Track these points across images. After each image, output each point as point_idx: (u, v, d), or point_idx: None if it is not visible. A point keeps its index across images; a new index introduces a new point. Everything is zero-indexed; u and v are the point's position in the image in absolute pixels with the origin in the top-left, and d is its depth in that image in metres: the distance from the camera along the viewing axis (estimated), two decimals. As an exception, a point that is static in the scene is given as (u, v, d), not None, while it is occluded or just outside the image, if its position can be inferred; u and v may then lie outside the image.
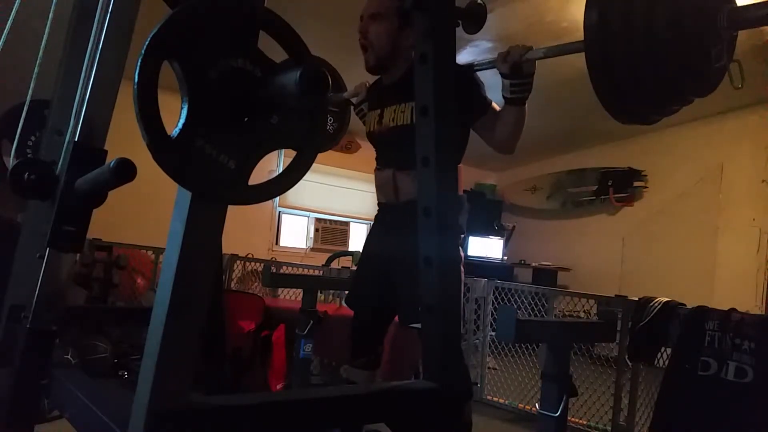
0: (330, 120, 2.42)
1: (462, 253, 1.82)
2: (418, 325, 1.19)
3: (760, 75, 3.99)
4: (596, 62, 0.96)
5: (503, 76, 1.62)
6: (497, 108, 1.76)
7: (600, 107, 1.14)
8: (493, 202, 7.14)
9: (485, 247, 6.44)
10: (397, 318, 1.91)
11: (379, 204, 1.98)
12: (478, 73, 1.79)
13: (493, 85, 1.75)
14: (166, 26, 0.70)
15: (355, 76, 2.41)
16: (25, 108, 1.29)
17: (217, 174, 0.74)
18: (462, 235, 1.87)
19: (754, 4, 0.94)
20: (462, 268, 1.80)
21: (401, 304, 1.81)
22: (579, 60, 1.19)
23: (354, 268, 4.56)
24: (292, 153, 0.85)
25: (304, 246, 6.19)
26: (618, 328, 2.64)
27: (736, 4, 0.98)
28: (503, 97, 1.69)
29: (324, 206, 6.21)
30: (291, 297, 4.10)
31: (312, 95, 0.71)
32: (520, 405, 3.29)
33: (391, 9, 1.79)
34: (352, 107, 2.27)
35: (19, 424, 1.24)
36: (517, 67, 1.57)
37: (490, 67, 1.65)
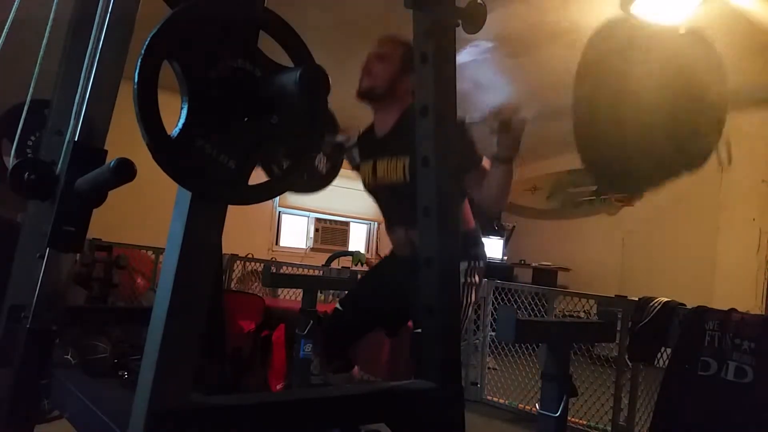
0: (323, 160, 2.40)
1: (476, 280, 1.89)
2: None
3: (761, 76, 3.99)
4: (584, 135, 0.97)
5: (492, 131, 1.59)
6: (487, 167, 1.74)
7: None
8: (493, 202, 7.12)
9: (485, 247, 6.43)
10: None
11: (393, 252, 2.02)
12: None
13: (493, 85, 1.75)
14: (166, 26, 0.70)
15: (356, 75, 2.41)
16: (25, 108, 1.29)
17: (217, 174, 0.74)
18: (480, 264, 1.93)
19: (741, 90, 0.96)
20: (473, 291, 1.84)
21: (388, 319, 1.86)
22: (579, 61, 1.19)
23: (354, 268, 4.57)
24: (292, 153, 0.85)
25: (304, 246, 6.19)
26: (618, 328, 2.64)
27: (726, 80, 0.99)
28: (492, 154, 1.67)
29: (324, 206, 6.21)
30: (291, 297, 4.10)
31: (312, 95, 0.71)
32: (520, 405, 3.29)
33: (396, 53, 1.85)
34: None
35: (19, 424, 1.24)
36: (506, 125, 1.55)
37: (479, 122, 1.62)
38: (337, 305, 2.14)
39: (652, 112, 0.91)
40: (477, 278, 1.89)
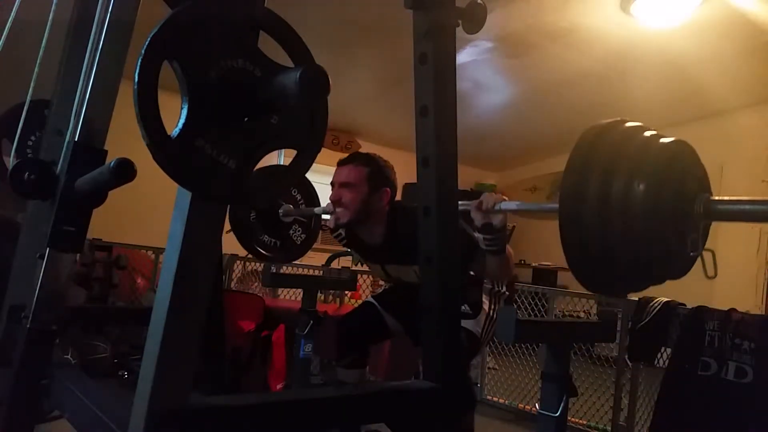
0: (298, 230, 2.40)
1: (495, 312, 1.93)
2: None
3: (761, 76, 3.99)
4: (569, 232, 0.96)
5: (476, 229, 1.56)
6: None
7: (600, 107, 1.15)
8: (493, 202, 7.13)
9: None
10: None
11: None
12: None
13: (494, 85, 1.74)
14: (166, 26, 0.70)
15: (356, 75, 2.41)
16: (25, 108, 1.29)
17: (217, 174, 0.74)
18: (503, 292, 2.00)
19: (729, 199, 0.96)
20: (491, 327, 1.90)
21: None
22: (579, 60, 1.20)
23: (354, 268, 4.57)
24: (292, 153, 0.85)
25: (304, 246, 6.18)
26: (618, 328, 2.64)
27: (710, 193, 1.00)
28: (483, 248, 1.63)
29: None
30: (291, 297, 4.10)
31: (312, 95, 0.71)
32: (520, 405, 3.29)
33: (361, 177, 1.88)
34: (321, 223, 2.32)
35: (19, 424, 1.24)
36: (488, 223, 1.50)
37: (464, 210, 1.54)
38: (370, 298, 2.14)
39: (639, 215, 0.90)
40: (494, 310, 1.95)
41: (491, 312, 1.94)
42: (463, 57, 4.31)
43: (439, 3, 1.16)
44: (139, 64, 0.68)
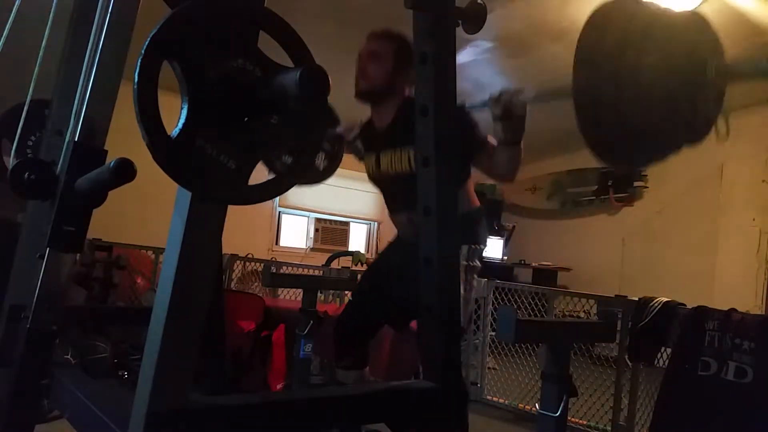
0: (321, 155, 2.41)
1: (477, 262, 1.85)
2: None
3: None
4: (584, 109, 0.98)
5: (495, 118, 1.61)
6: (494, 143, 1.74)
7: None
8: (493, 202, 7.13)
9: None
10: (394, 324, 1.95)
11: (398, 236, 2.01)
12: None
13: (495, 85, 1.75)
14: (166, 26, 0.70)
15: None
16: (25, 108, 1.29)
17: (217, 174, 0.74)
18: (481, 246, 1.90)
19: (742, 61, 0.97)
20: (475, 276, 1.82)
21: (397, 309, 1.84)
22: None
23: (354, 268, 4.57)
24: (292, 153, 0.85)
25: (304, 246, 6.19)
26: (618, 328, 2.64)
27: (724, 56, 1.00)
28: (496, 138, 1.68)
29: (324, 206, 6.21)
30: (291, 297, 4.10)
31: (312, 96, 0.71)
32: (520, 405, 3.29)
33: (388, 49, 1.85)
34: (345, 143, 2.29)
35: (19, 424, 1.24)
36: (508, 111, 1.56)
37: (481, 107, 1.64)
38: (349, 297, 2.14)
39: (652, 87, 0.92)
40: (477, 262, 1.87)
41: (464, 291, 1.82)
42: (463, 57, 4.31)
43: (439, 3, 1.16)
44: (139, 64, 0.68)
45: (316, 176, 2.38)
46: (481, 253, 1.91)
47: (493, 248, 6.52)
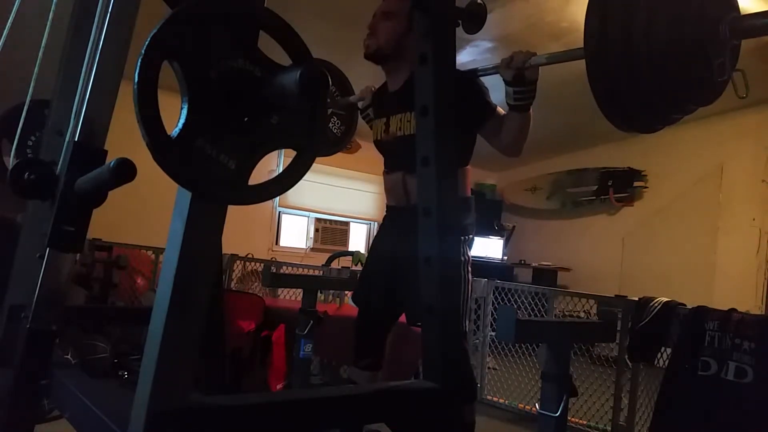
0: (337, 123, 2.42)
1: (469, 254, 1.83)
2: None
3: (761, 75, 3.98)
4: (596, 70, 0.97)
5: (506, 83, 1.62)
6: (502, 112, 1.75)
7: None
8: (493, 202, 7.14)
9: (485, 247, 6.44)
10: (404, 317, 1.91)
11: (388, 207, 1.98)
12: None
13: (497, 85, 1.76)
14: (166, 26, 0.70)
15: (357, 76, 2.41)
16: (25, 108, 1.29)
17: (217, 174, 0.74)
18: (471, 236, 1.87)
19: (757, 13, 0.95)
20: (469, 269, 1.80)
21: (410, 302, 1.80)
22: (580, 60, 1.20)
23: (354, 268, 4.57)
24: (292, 153, 0.85)
25: (304, 246, 6.19)
26: (618, 328, 2.64)
27: (739, 12, 0.99)
28: (507, 103, 1.69)
29: (324, 206, 6.21)
30: (291, 297, 4.10)
31: (312, 95, 0.71)
32: (520, 405, 3.29)
33: (403, 10, 1.81)
34: (359, 111, 2.28)
35: (19, 424, 1.24)
36: (520, 75, 1.56)
37: (493, 73, 1.65)
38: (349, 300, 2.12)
39: (663, 43, 0.91)
40: (468, 253, 1.84)
41: (465, 274, 1.76)
42: (463, 57, 4.31)
43: (439, 3, 1.16)
44: (139, 64, 0.68)
45: (333, 145, 2.39)
46: (472, 242, 1.90)
47: (493, 248, 6.53)
